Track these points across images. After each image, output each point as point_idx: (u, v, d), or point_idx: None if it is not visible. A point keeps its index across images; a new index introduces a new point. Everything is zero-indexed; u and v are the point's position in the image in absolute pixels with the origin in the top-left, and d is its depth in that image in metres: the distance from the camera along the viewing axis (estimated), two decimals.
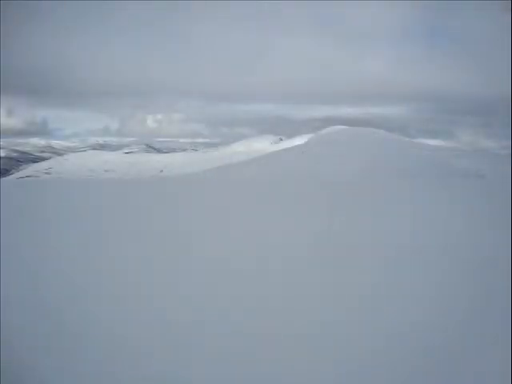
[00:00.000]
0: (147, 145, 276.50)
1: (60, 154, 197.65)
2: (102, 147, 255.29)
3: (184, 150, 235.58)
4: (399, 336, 2.81)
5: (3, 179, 53.02)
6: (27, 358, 2.53)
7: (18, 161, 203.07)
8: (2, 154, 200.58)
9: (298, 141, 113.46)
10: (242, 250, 5.19)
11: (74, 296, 3.46)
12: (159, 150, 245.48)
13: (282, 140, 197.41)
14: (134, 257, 4.71)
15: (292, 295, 3.53)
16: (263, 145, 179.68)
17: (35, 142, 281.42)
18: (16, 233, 5.97)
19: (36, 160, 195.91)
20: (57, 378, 2.35)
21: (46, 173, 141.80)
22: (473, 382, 2.36)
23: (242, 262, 4.54)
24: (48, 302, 3.34)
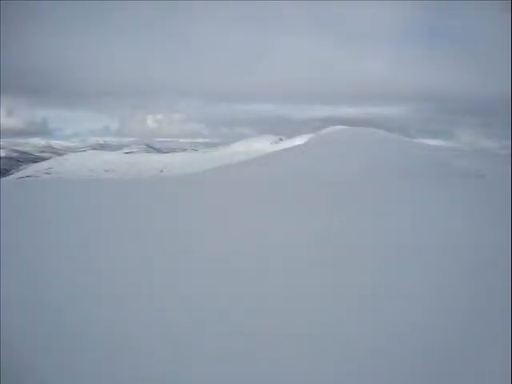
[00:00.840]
0: (147, 145, 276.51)
1: (60, 154, 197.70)
2: (102, 147, 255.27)
3: (184, 150, 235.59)
4: (399, 336, 2.81)
5: (3, 179, 53.00)
6: (27, 358, 2.53)
7: (18, 161, 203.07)
8: (2, 154, 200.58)
9: (298, 141, 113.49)
10: (241, 249, 5.19)
11: (74, 296, 3.46)
12: (159, 150, 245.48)
13: (281, 140, 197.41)
14: (134, 257, 4.70)
15: (292, 295, 3.53)
16: (263, 145, 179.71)
17: (35, 142, 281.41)
18: (16, 233, 5.97)
19: (36, 160, 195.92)
20: (57, 378, 2.35)
21: (46, 173, 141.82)
22: (473, 382, 2.36)
23: (242, 262, 4.54)
24: (48, 302, 3.34)
